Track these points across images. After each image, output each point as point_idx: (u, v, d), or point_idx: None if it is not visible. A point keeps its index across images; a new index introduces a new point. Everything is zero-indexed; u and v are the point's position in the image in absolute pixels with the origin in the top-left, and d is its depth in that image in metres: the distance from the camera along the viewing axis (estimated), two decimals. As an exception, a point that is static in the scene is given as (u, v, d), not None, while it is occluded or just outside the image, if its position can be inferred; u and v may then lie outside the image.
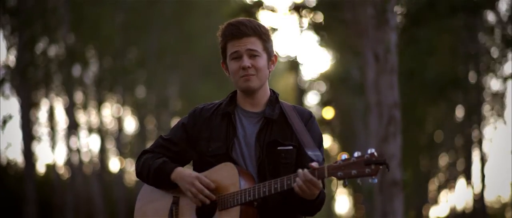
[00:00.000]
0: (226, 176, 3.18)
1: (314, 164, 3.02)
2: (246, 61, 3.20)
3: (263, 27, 3.26)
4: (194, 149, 3.30)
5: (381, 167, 2.92)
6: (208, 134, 3.27)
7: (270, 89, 3.32)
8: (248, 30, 3.20)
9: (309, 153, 3.13)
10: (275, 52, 3.31)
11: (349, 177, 2.94)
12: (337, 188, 3.17)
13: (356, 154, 2.96)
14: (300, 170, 3.03)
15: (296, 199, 3.12)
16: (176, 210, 3.29)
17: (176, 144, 3.34)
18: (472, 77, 19.82)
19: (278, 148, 3.20)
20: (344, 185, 2.99)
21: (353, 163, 2.95)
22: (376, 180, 2.93)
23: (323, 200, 3.16)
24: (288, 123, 3.24)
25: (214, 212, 3.21)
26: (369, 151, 2.94)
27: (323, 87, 28.88)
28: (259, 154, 3.21)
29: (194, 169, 3.35)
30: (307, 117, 3.28)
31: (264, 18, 12.86)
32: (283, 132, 3.23)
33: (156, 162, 3.31)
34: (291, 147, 3.21)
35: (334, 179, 3.00)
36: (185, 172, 3.25)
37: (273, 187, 3.07)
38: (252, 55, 3.21)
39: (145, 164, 3.35)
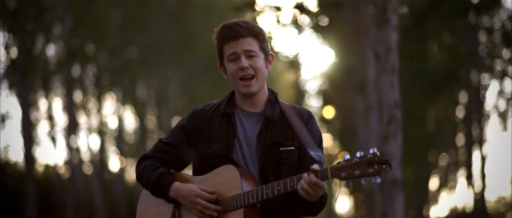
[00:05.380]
0: (227, 178, 3.17)
1: (315, 166, 3.01)
2: (244, 62, 3.18)
3: (258, 27, 3.24)
4: (195, 150, 3.29)
5: (384, 166, 2.89)
6: (209, 135, 3.25)
7: (268, 88, 3.31)
8: (244, 31, 3.19)
9: (311, 153, 3.12)
10: (271, 52, 3.30)
11: (352, 178, 2.92)
12: (340, 190, 3.14)
13: (358, 154, 2.94)
14: (305, 174, 3.01)
15: (299, 200, 3.12)
16: (179, 213, 3.28)
17: (176, 146, 3.32)
18: (472, 76, 19.82)
19: (280, 148, 3.20)
20: (348, 186, 2.96)
21: (356, 163, 2.92)
22: (379, 180, 2.90)
23: (326, 201, 3.15)
24: (288, 123, 3.22)
25: (217, 215, 3.20)
26: (371, 151, 2.91)
27: (324, 86, 28.87)
28: (261, 155, 3.20)
29: (194, 170, 3.34)
30: (307, 117, 3.27)
31: (265, 16, 12.84)
32: (284, 132, 3.22)
33: (154, 174, 3.28)
34: (293, 148, 3.20)
35: (337, 180, 2.98)
36: (184, 189, 3.22)
37: (276, 189, 3.07)
38: (250, 56, 3.20)
39: (144, 172, 3.33)
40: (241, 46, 3.19)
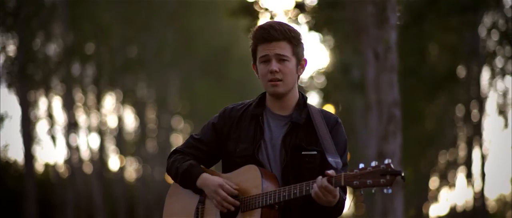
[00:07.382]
0: (249, 178, 3.24)
1: (331, 172, 3.06)
2: (274, 66, 3.23)
3: (294, 31, 3.28)
4: (223, 149, 3.37)
5: (396, 177, 2.93)
6: (237, 135, 3.34)
7: (299, 92, 3.36)
8: (278, 34, 3.23)
9: (330, 159, 3.18)
10: (305, 56, 3.34)
11: (364, 186, 2.97)
12: (353, 197, 3.18)
13: (373, 164, 2.98)
14: (319, 177, 3.07)
15: (316, 204, 3.17)
16: (202, 209, 3.36)
17: (206, 143, 3.40)
18: (472, 73, 19.82)
19: (302, 152, 3.25)
20: (360, 194, 3.02)
21: (369, 172, 2.96)
22: (390, 191, 2.94)
23: (342, 208, 3.22)
24: (313, 128, 3.28)
25: (237, 213, 3.27)
26: (385, 161, 2.95)
27: (323, 85, 28.86)
28: (284, 157, 3.26)
29: (223, 168, 3.42)
30: (333, 122, 3.32)
31: (263, 18, 12.81)
32: (308, 136, 3.28)
33: (184, 165, 3.37)
34: (315, 152, 3.26)
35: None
36: (209, 179, 3.31)
37: (293, 192, 3.13)
38: (281, 59, 3.24)
39: (174, 164, 3.42)
40: (273, 50, 3.23)
